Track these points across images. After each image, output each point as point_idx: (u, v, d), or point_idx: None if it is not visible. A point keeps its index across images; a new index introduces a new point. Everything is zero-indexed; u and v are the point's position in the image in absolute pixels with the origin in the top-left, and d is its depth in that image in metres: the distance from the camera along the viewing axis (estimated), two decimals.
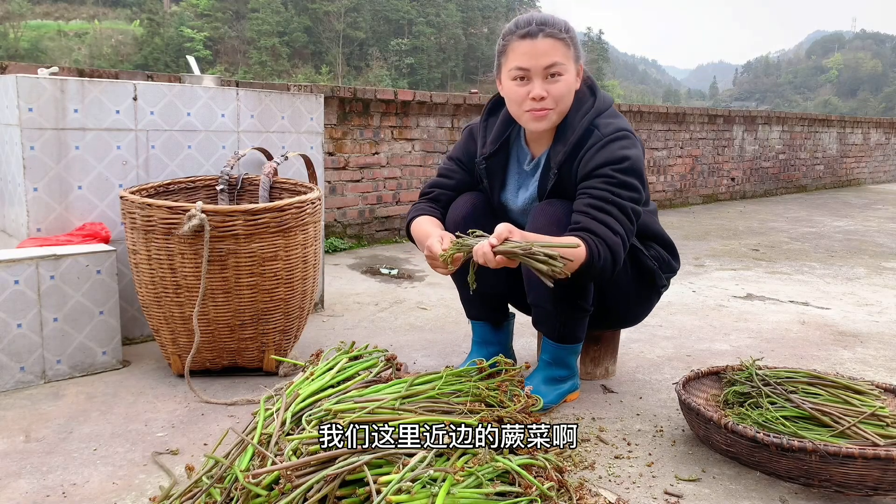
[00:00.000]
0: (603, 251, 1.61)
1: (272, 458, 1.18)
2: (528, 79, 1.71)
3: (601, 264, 1.61)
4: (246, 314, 1.98)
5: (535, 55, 1.68)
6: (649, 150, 7.00)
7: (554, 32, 1.69)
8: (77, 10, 75.67)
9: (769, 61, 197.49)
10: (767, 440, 1.43)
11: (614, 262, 1.64)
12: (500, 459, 1.22)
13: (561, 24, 1.71)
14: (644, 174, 1.74)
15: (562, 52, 1.69)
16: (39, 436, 1.66)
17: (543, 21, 1.70)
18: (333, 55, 68.62)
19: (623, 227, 1.66)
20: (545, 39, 1.68)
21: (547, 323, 1.85)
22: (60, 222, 2.20)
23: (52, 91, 2.13)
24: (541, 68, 1.69)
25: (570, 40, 1.71)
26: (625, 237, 1.67)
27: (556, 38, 1.69)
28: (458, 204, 1.91)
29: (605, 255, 1.62)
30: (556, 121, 1.76)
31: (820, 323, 2.85)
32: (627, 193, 1.68)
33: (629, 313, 1.97)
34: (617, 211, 1.66)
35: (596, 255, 1.60)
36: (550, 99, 1.71)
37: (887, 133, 11.33)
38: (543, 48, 1.68)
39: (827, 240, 5.15)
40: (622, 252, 1.65)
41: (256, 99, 2.57)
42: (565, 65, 1.70)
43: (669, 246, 1.96)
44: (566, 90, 1.72)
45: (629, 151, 1.71)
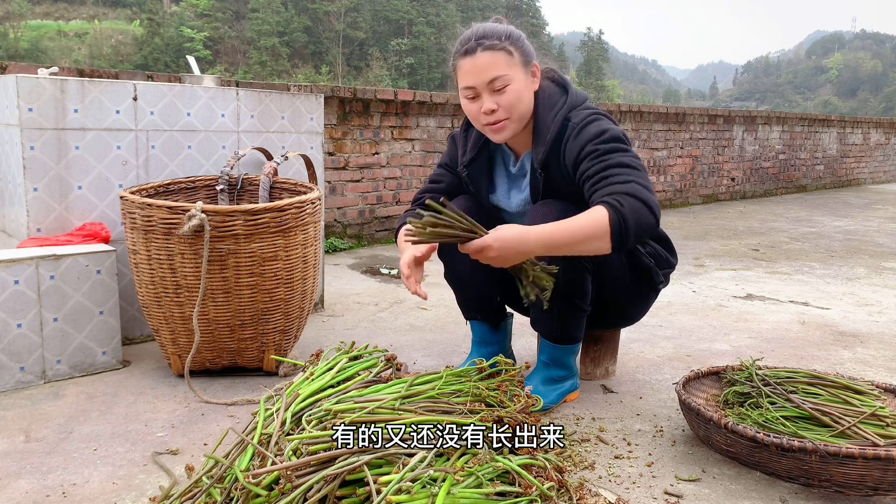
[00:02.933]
0: (626, 202, 1.51)
1: (272, 458, 1.18)
2: (477, 95, 1.71)
3: (630, 215, 1.50)
4: (246, 314, 1.98)
5: (476, 72, 1.68)
6: (649, 150, 7.00)
7: (493, 44, 1.67)
8: (77, 10, 75.67)
9: (769, 61, 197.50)
10: (767, 440, 1.43)
11: (647, 207, 1.52)
12: (500, 459, 1.22)
13: (500, 34, 1.69)
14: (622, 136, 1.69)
15: (503, 63, 1.68)
16: (39, 436, 1.66)
17: (482, 35, 1.69)
18: (333, 55, 68.62)
19: (633, 177, 1.57)
20: (484, 54, 1.67)
21: (545, 323, 1.85)
22: (60, 222, 2.20)
23: (52, 91, 2.13)
24: (485, 84, 1.68)
25: (511, 48, 1.69)
26: (640, 182, 1.56)
27: (494, 51, 1.67)
28: (458, 202, 1.90)
29: (630, 205, 1.51)
30: (517, 127, 1.75)
31: (820, 323, 2.85)
32: (619, 153, 1.63)
33: (627, 312, 1.97)
34: (618, 169, 1.60)
35: (618, 208, 1.50)
36: (501, 110, 1.70)
37: (887, 133, 11.33)
38: (483, 63, 1.67)
39: (827, 240, 5.15)
40: (647, 194, 1.54)
41: (256, 99, 2.57)
42: (508, 74, 1.68)
43: (665, 241, 1.95)
44: (515, 99, 1.71)
45: (605, 125, 1.69)
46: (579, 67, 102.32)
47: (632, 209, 1.50)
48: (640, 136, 6.89)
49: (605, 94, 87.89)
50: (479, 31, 1.70)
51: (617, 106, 6.72)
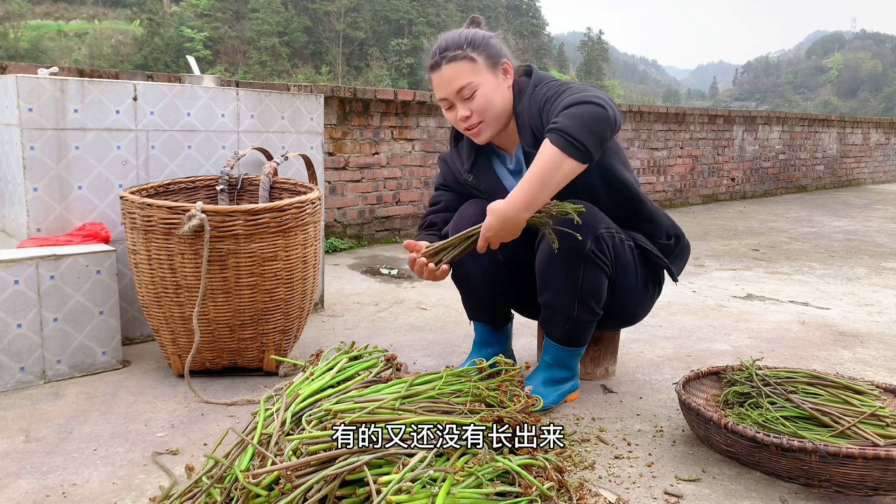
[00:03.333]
0: (561, 117, 1.55)
1: (272, 458, 1.18)
2: (451, 105, 1.77)
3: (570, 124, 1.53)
4: (246, 314, 1.98)
5: (444, 85, 1.74)
6: (649, 150, 7.00)
7: (454, 55, 1.72)
8: (77, 10, 75.68)
9: (769, 61, 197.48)
10: (767, 440, 1.43)
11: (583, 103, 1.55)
12: (500, 459, 1.22)
13: (461, 42, 1.73)
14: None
15: (468, 71, 1.72)
16: (39, 436, 1.66)
17: (444, 47, 1.74)
18: (333, 55, 68.61)
19: (569, 93, 1.62)
20: (448, 66, 1.72)
21: (556, 324, 1.83)
22: (60, 222, 2.20)
23: (52, 91, 2.13)
24: (454, 93, 1.74)
25: (473, 54, 1.73)
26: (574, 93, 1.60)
27: (457, 62, 1.72)
28: (466, 209, 1.89)
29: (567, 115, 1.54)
30: (496, 127, 1.79)
31: (820, 323, 2.85)
32: (564, 85, 1.69)
33: (636, 313, 1.96)
34: (558, 98, 1.64)
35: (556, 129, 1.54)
36: (475, 115, 1.76)
37: (887, 133, 11.33)
38: (448, 76, 1.73)
39: (827, 240, 5.15)
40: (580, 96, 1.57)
41: (256, 99, 2.57)
42: (475, 80, 1.73)
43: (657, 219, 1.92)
44: (485, 102, 1.75)
45: (559, 82, 1.73)
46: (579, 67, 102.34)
47: (569, 117, 1.54)
48: (640, 136, 6.89)
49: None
50: (441, 43, 1.75)
51: (617, 106, 6.72)
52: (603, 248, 1.74)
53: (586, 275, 1.74)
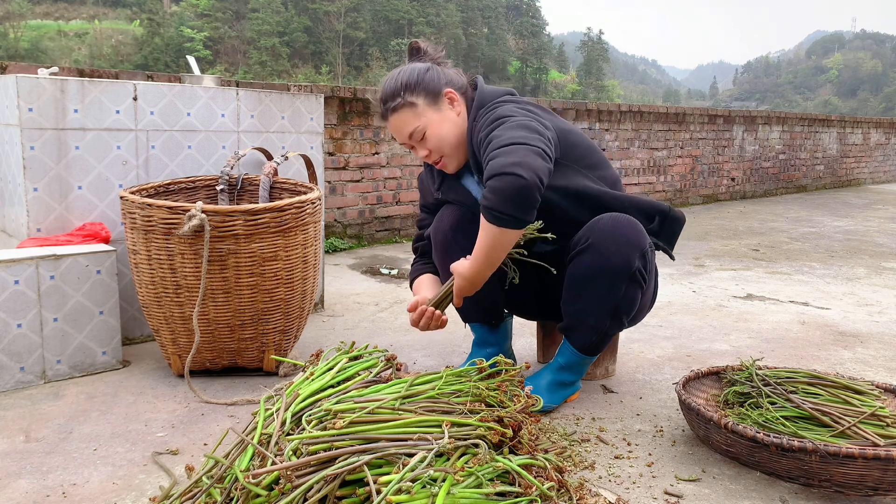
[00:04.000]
0: (489, 192, 1.54)
1: (272, 458, 1.18)
2: (412, 147, 1.83)
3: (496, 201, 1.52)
4: (246, 314, 1.98)
5: (396, 132, 1.81)
6: (649, 150, 7.00)
7: (395, 105, 1.77)
8: (77, 10, 75.71)
9: (769, 61, 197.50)
10: (767, 440, 1.43)
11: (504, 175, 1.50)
12: (500, 459, 1.22)
13: (397, 89, 1.77)
14: (524, 113, 1.69)
15: (410, 117, 1.77)
16: (39, 436, 1.66)
17: (385, 97, 1.79)
18: (333, 55, 68.61)
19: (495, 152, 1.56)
20: (393, 116, 1.78)
21: (582, 333, 1.80)
22: (60, 222, 2.20)
23: (52, 91, 2.13)
24: (407, 139, 1.81)
25: (412, 97, 1.76)
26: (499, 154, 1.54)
27: (398, 111, 1.77)
28: (443, 216, 1.93)
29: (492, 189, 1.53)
30: (459, 155, 1.83)
31: (820, 323, 2.85)
32: (496, 129, 1.64)
33: (642, 315, 1.96)
34: (488, 154, 1.59)
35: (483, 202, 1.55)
36: (433, 153, 1.81)
37: (887, 133, 11.33)
38: (396, 125, 1.79)
39: (827, 240, 5.15)
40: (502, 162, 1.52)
41: (256, 99, 2.57)
42: (420, 123, 1.77)
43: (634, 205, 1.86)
44: (437, 139, 1.79)
45: (494, 112, 1.71)
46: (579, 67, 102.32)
47: (492, 191, 1.53)
48: (640, 136, 6.89)
49: (605, 94, 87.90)
50: (381, 94, 1.80)
51: (617, 106, 6.72)
52: (646, 264, 1.75)
53: (627, 292, 1.73)
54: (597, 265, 1.69)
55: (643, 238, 1.72)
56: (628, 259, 1.68)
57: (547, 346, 2.22)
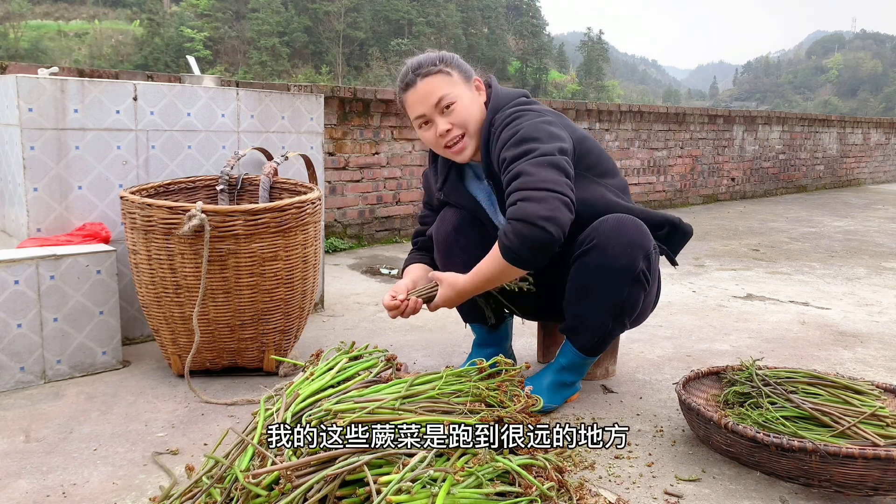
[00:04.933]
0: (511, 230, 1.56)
1: (272, 458, 1.18)
2: (430, 121, 1.77)
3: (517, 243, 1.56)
4: (246, 314, 1.98)
5: (422, 99, 1.74)
6: (649, 150, 7.00)
7: (428, 71, 1.74)
8: (77, 10, 75.72)
9: (769, 61, 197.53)
10: (767, 440, 1.43)
11: (531, 224, 1.53)
12: (500, 459, 1.22)
13: (433, 59, 1.76)
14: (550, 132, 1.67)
15: (444, 83, 1.74)
16: (39, 436, 1.66)
17: (417, 65, 1.76)
18: (333, 55, 68.62)
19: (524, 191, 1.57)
20: (423, 81, 1.74)
21: (584, 335, 1.80)
22: (60, 222, 2.20)
23: (52, 91, 2.13)
24: (433, 107, 1.74)
25: (448, 69, 1.75)
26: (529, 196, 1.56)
27: (431, 76, 1.74)
28: (446, 216, 1.93)
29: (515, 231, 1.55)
30: (477, 141, 1.79)
31: (820, 323, 2.85)
32: (521, 160, 1.62)
33: (645, 316, 1.96)
34: (515, 184, 1.60)
35: (504, 239, 1.58)
36: (455, 128, 1.76)
37: (887, 133, 11.33)
38: (425, 90, 1.74)
39: (827, 240, 5.15)
40: (533, 209, 1.54)
41: (256, 99, 2.57)
42: (452, 91, 1.74)
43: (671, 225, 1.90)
44: (466, 113, 1.75)
45: (519, 125, 1.68)
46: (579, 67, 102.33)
47: (517, 234, 1.56)
48: (640, 136, 6.89)
49: (605, 94, 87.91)
50: (413, 63, 1.77)
51: (617, 106, 6.72)
52: (650, 265, 1.74)
53: (630, 293, 1.73)
54: (601, 266, 1.69)
55: (647, 239, 1.72)
56: (633, 260, 1.68)
57: (547, 347, 2.22)
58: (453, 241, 1.89)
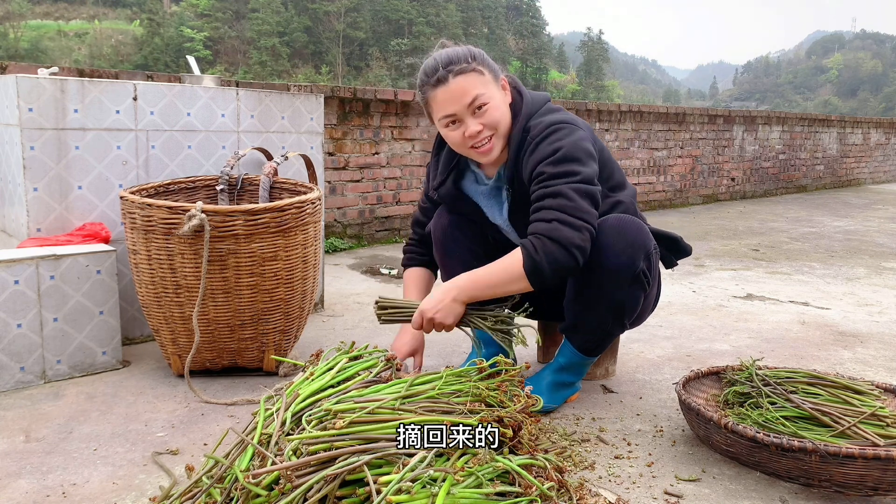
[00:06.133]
0: (543, 245, 1.58)
1: (272, 458, 1.18)
2: (458, 121, 1.69)
3: (545, 260, 1.58)
4: (246, 314, 1.98)
5: (454, 98, 1.66)
6: (649, 150, 7.00)
7: (462, 68, 1.66)
8: (77, 10, 75.74)
9: (769, 61, 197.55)
10: (767, 440, 1.43)
11: (564, 249, 1.58)
12: (500, 459, 1.22)
13: (465, 56, 1.68)
14: (588, 152, 1.69)
15: (478, 83, 1.67)
16: (39, 436, 1.66)
17: (448, 61, 1.67)
18: (333, 55, 68.63)
19: (562, 212, 1.60)
20: (457, 79, 1.65)
21: (583, 334, 1.80)
22: (60, 222, 2.20)
23: (52, 91, 2.13)
24: (465, 107, 1.67)
25: (480, 67, 1.68)
26: (566, 220, 1.60)
27: (466, 74, 1.66)
28: (442, 212, 1.94)
29: (546, 248, 1.58)
30: (503, 144, 1.75)
31: (820, 323, 2.85)
32: (562, 179, 1.63)
33: (644, 317, 1.97)
34: (551, 200, 1.62)
35: (532, 254, 1.59)
36: (486, 129, 1.70)
37: (887, 133, 11.33)
38: (459, 88, 1.66)
39: (827, 240, 5.15)
40: (569, 234, 1.59)
41: (256, 99, 2.57)
42: (486, 92, 1.67)
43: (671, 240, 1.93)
44: (498, 115, 1.70)
45: (560, 142, 1.67)
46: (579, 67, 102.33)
47: (547, 253, 1.58)
48: (640, 136, 6.89)
49: (605, 94, 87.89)
50: (443, 58, 1.68)
51: (617, 106, 6.72)
52: (651, 266, 1.75)
53: (631, 293, 1.73)
54: (601, 265, 1.69)
55: (648, 239, 1.72)
56: (633, 260, 1.68)
57: (547, 347, 2.22)
58: (450, 235, 1.91)
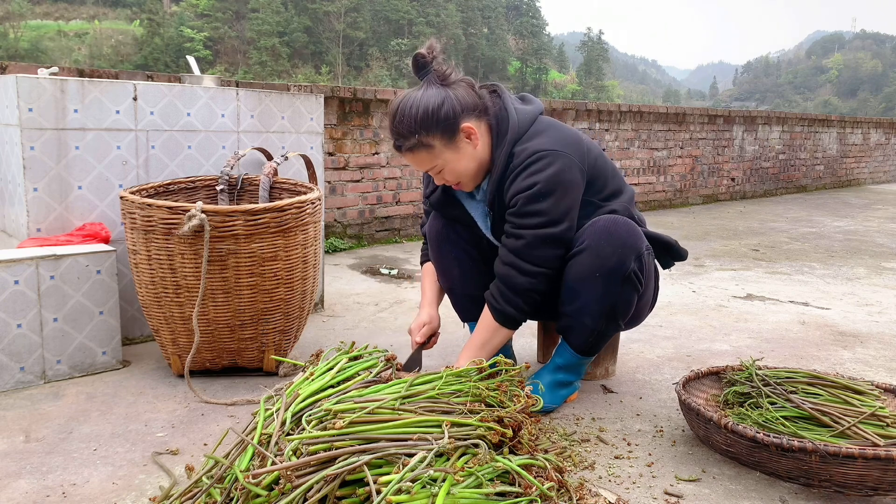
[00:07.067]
0: (496, 292, 1.77)
1: (272, 458, 1.18)
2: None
3: (501, 302, 1.75)
4: (246, 314, 1.98)
5: (413, 164, 1.77)
6: (649, 150, 7.00)
7: (410, 146, 1.69)
8: (77, 10, 75.74)
9: (769, 61, 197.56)
10: (767, 440, 1.43)
11: (510, 286, 1.74)
12: (500, 459, 1.22)
13: (413, 127, 1.67)
14: (567, 183, 1.71)
15: (426, 158, 1.71)
16: (39, 436, 1.66)
17: (398, 133, 1.69)
18: (333, 55, 68.63)
19: (519, 258, 1.72)
20: (407, 155, 1.73)
21: (578, 334, 1.81)
22: (60, 222, 2.20)
23: (52, 91, 2.13)
24: (425, 171, 1.81)
25: (427, 138, 1.68)
26: (516, 263, 1.73)
27: (414, 150, 1.70)
28: (435, 217, 1.98)
29: (498, 293, 1.76)
30: (478, 179, 1.81)
31: (820, 323, 2.85)
32: (529, 226, 1.70)
33: (642, 315, 1.96)
34: (514, 242, 1.73)
35: (496, 304, 1.77)
36: (452, 180, 1.78)
37: (887, 133, 11.33)
38: (413, 161, 1.75)
39: (827, 240, 5.15)
40: (524, 279, 1.73)
41: (256, 99, 2.57)
42: (437, 162, 1.72)
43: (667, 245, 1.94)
44: (455, 174, 1.76)
45: (538, 175, 1.68)
46: (579, 67, 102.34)
47: (506, 300, 1.75)
48: (640, 136, 6.89)
49: (605, 94, 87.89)
50: (395, 128, 1.70)
51: (617, 106, 6.72)
52: (643, 267, 1.75)
53: (623, 294, 1.73)
54: (593, 266, 1.70)
55: (639, 240, 1.73)
56: (623, 261, 1.69)
57: (547, 346, 2.22)
58: (444, 235, 1.94)
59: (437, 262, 1.98)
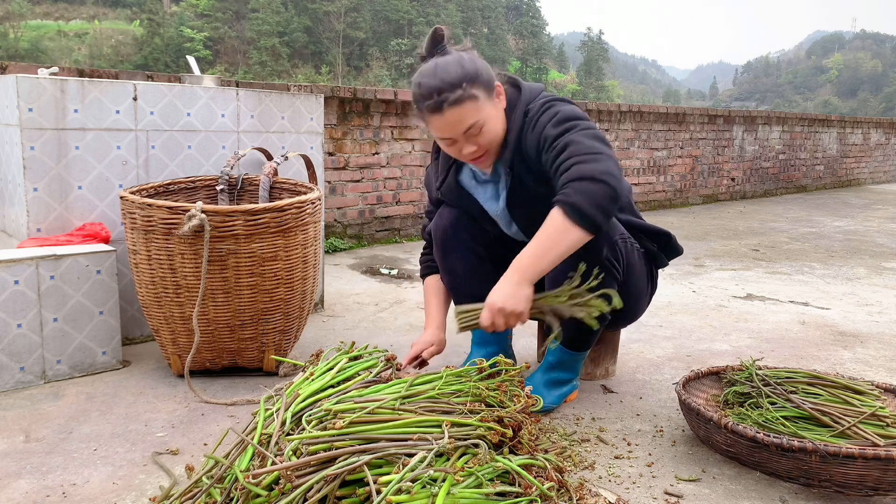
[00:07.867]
0: (572, 189, 1.54)
1: (272, 458, 1.18)
2: (455, 142, 1.69)
3: (581, 199, 1.53)
4: (246, 314, 1.98)
5: (449, 127, 1.66)
6: (649, 150, 7.00)
7: (457, 98, 1.62)
8: (77, 10, 75.75)
9: (769, 61, 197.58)
10: (767, 440, 1.43)
11: (594, 180, 1.53)
12: (500, 459, 1.22)
13: (459, 80, 1.62)
14: (586, 116, 1.70)
15: (472, 110, 1.64)
16: (39, 436, 1.66)
17: (440, 88, 1.62)
18: (333, 55, 68.64)
19: (578, 155, 1.58)
20: (450, 109, 1.62)
21: (565, 329, 1.79)
22: (60, 222, 2.20)
23: (52, 91, 2.13)
24: (461, 133, 1.66)
25: (474, 90, 1.64)
26: (583, 159, 1.57)
27: (462, 103, 1.62)
28: (443, 213, 1.95)
29: (577, 189, 1.54)
30: (497, 151, 1.76)
31: (820, 323, 2.85)
32: (568, 133, 1.63)
33: (638, 310, 1.96)
34: (565, 153, 1.60)
35: (567, 198, 1.54)
36: (480, 147, 1.70)
37: (887, 133, 11.33)
38: (453, 119, 1.64)
39: (827, 240, 5.15)
40: (591, 168, 1.54)
41: (256, 99, 2.57)
42: (479, 117, 1.65)
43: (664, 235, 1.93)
44: (492, 133, 1.70)
45: (558, 108, 1.69)
46: (579, 67, 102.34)
47: (579, 191, 1.53)
48: (640, 136, 6.89)
49: (605, 94, 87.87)
50: (437, 84, 1.63)
51: (617, 106, 6.72)
52: (617, 255, 1.74)
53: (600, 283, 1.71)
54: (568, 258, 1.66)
55: (613, 229, 1.73)
56: (596, 248, 1.67)
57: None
58: (451, 236, 1.92)
59: (441, 260, 1.97)
